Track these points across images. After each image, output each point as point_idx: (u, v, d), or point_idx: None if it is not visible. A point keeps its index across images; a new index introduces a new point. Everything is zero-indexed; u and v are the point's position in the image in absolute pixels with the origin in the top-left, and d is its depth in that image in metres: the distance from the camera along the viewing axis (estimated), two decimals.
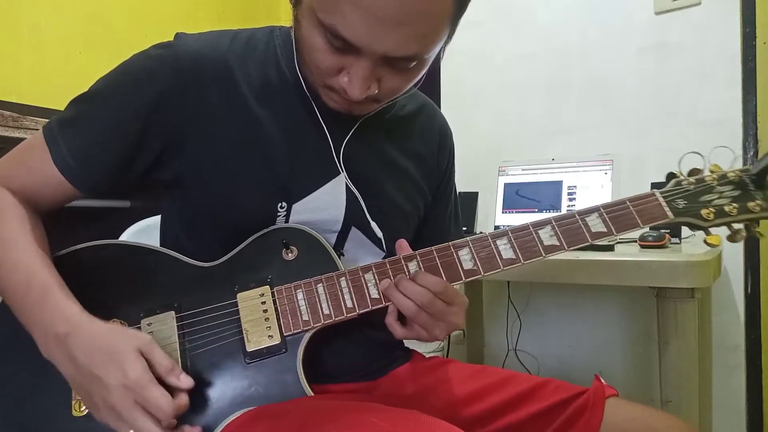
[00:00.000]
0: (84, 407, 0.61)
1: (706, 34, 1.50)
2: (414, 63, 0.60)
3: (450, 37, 0.62)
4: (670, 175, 0.71)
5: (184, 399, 0.56)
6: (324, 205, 0.72)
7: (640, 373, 1.58)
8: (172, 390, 0.55)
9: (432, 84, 1.98)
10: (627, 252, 1.03)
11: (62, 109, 0.69)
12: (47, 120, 0.69)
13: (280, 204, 0.70)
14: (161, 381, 0.55)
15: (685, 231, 1.20)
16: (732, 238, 0.69)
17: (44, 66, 1.47)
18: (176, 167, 0.70)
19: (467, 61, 1.89)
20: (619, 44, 1.63)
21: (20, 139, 1.20)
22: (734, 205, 0.68)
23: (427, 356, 0.86)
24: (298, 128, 0.71)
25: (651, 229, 0.59)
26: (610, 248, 1.05)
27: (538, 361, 1.74)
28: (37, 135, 0.68)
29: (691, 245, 1.15)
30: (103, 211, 0.80)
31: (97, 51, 1.60)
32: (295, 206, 0.70)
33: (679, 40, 1.54)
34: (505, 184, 1.56)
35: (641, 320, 1.59)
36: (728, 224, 0.69)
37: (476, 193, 1.63)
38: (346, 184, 0.73)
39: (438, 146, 0.86)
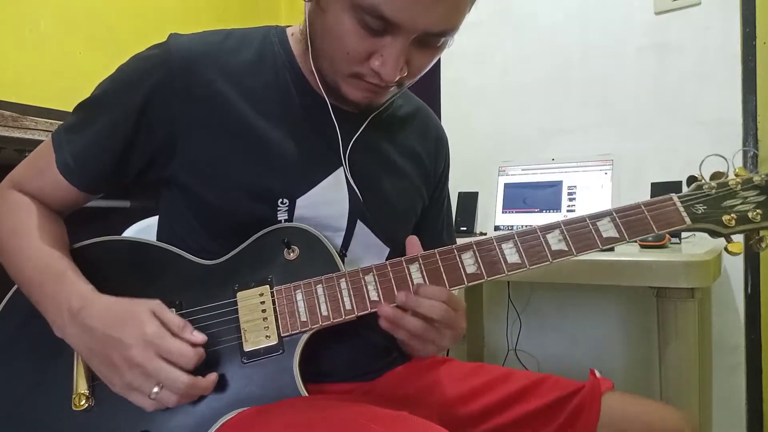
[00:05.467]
0: (84, 402, 0.61)
1: (706, 34, 1.49)
2: (443, 39, 0.62)
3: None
4: (691, 179, 0.67)
5: (201, 350, 0.58)
6: (327, 199, 0.72)
7: (640, 373, 1.58)
8: None
9: (432, 84, 1.98)
10: (627, 252, 1.03)
11: (62, 108, 0.70)
12: (47, 120, 0.70)
13: (281, 200, 0.69)
14: None
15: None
16: (754, 246, 0.64)
17: (44, 66, 1.47)
18: (173, 165, 0.70)
19: (468, 61, 1.89)
20: (619, 44, 1.62)
21: (20, 139, 1.20)
22: (758, 211, 0.63)
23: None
24: (297, 124, 0.71)
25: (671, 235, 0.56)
26: (610, 248, 1.04)
27: (538, 362, 1.74)
28: (46, 142, 0.71)
29: (692, 245, 1.14)
30: (103, 211, 0.80)
31: (98, 51, 1.60)
32: (299, 201, 0.70)
33: (679, 40, 1.54)
34: (505, 184, 1.57)
35: (641, 320, 1.58)
36: (751, 231, 0.64)
37: (476, 193, 1.63)
38: (347, 177, 0.73)
39: (435, 150, 0.86)
